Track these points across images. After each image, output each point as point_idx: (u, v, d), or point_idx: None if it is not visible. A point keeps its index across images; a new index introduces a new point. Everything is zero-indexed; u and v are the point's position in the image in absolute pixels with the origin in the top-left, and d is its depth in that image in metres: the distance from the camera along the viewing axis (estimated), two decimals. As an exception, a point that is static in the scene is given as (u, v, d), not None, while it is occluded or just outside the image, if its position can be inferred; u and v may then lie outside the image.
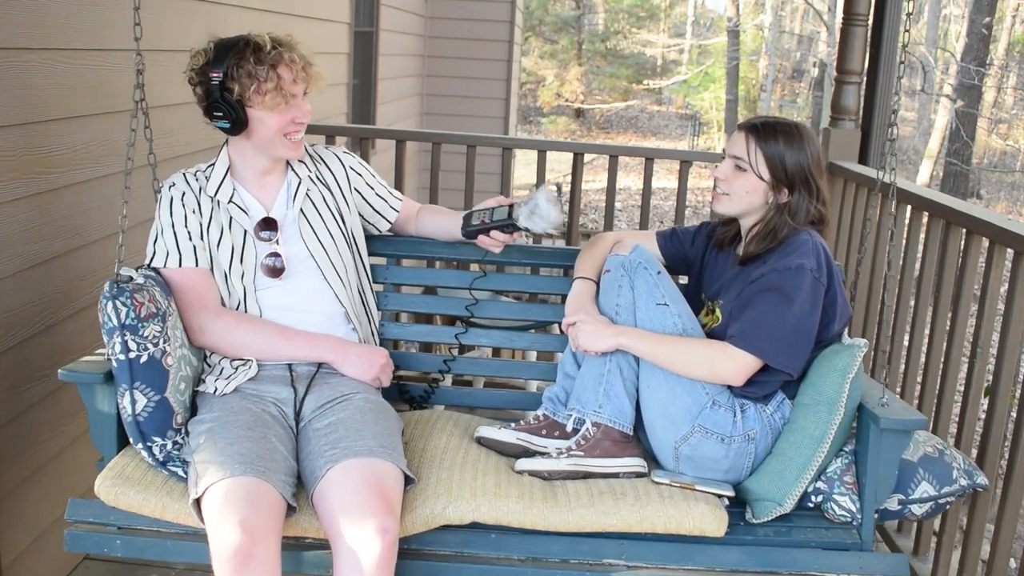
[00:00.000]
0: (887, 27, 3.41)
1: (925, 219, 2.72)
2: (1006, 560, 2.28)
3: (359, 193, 2.29)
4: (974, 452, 2.42)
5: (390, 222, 2.36)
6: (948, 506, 2.01)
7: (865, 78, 3.51)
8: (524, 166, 12.73)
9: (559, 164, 11.62)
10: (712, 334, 2.06)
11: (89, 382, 1.92)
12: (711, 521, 1.88)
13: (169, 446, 1.89)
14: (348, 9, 5.75)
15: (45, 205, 2.34)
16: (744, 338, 1.95)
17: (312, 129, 3.88)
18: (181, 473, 1.88)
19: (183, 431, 1.93)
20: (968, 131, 15.00)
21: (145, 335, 1.85)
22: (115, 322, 1.83)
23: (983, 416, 2.37)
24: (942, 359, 2.54)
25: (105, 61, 2.57)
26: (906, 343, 2.81)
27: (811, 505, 2.00)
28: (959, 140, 14.92)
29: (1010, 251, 2.27)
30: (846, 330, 2.05)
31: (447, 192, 3.98)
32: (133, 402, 1.85)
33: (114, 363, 1.85)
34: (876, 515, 1.96)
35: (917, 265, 2.73)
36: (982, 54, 15.19)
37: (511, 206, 2.14)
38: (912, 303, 2.77)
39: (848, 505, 1.95)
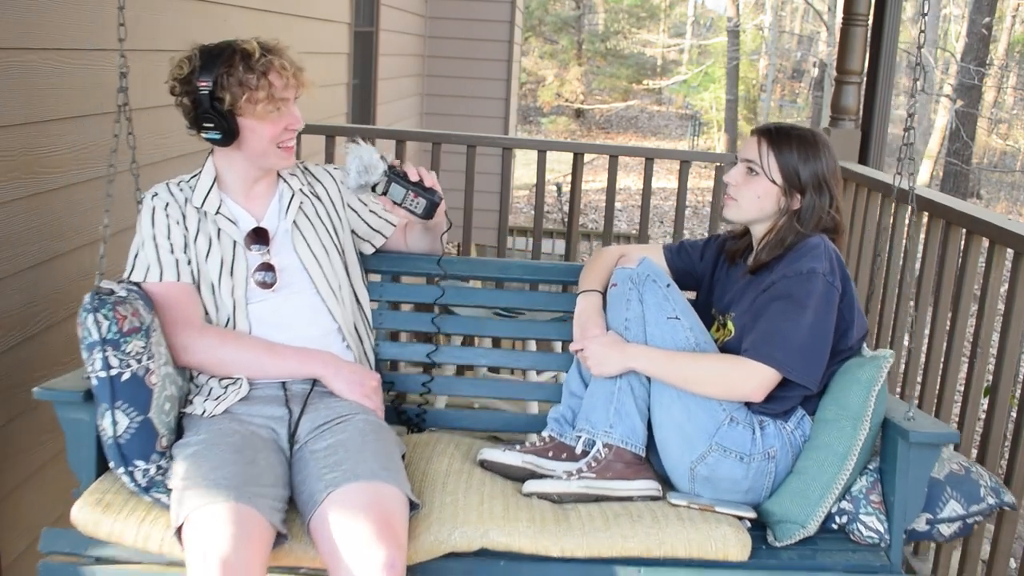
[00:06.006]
0: (887, 27, 3.41)
1: (925, 219, 2.72)
2: (1006, 560, 2.28)
3: (352, 209, 2.23)
4: (974, 452, 2.42)
5: (386, 237, 2.29)
6: (975, 525, 1.94)
7: (865, 78, 3.52)
8: (524, 166, 12.74)
9: (559, 164, 11.63)
10: (725, 348, 2.00)
11: (67, 400, 1.79)
12: (734, 544, 1.79)
13: (152, 471, 1.77)
14: (348, 9, 5.75)
15: (45, 205, 2.34)
16: (759, 350, 1.88)
17: (312, 129, 3.88)
18: (165, 500, 1.75)
19: (167, 455, 1.81)
20: (968, 131, 15.01)
21: (128, 351, 1.75)
22: (96, 336, 1.73)
23: (983, 416, 2.37)
24: (942, 359, 2.53)
25: (105, 61, 2.57)
26: (906, 343, 2.81)
27: (835, 527, 1.90)
28: (959, 140, 14.93)
29: (1010, 251, 2.27)
30: (865, 344, 1.99)
31: (447, 192, 3.93)
32: (114, 423, 1.74)
33: (94, 381, 1.74)
34: (905, 536, 1.87)
35: (917, 265, 2.73)
36: (982, 54, 15.20)
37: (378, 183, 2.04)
38: (912, 303, 2.77)
39: (876, 526, 1.86)
